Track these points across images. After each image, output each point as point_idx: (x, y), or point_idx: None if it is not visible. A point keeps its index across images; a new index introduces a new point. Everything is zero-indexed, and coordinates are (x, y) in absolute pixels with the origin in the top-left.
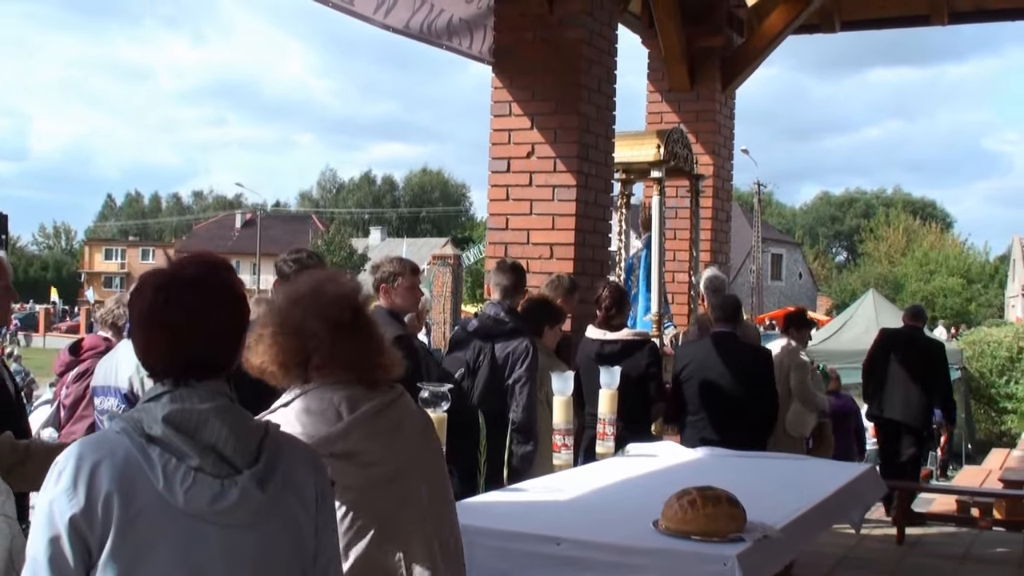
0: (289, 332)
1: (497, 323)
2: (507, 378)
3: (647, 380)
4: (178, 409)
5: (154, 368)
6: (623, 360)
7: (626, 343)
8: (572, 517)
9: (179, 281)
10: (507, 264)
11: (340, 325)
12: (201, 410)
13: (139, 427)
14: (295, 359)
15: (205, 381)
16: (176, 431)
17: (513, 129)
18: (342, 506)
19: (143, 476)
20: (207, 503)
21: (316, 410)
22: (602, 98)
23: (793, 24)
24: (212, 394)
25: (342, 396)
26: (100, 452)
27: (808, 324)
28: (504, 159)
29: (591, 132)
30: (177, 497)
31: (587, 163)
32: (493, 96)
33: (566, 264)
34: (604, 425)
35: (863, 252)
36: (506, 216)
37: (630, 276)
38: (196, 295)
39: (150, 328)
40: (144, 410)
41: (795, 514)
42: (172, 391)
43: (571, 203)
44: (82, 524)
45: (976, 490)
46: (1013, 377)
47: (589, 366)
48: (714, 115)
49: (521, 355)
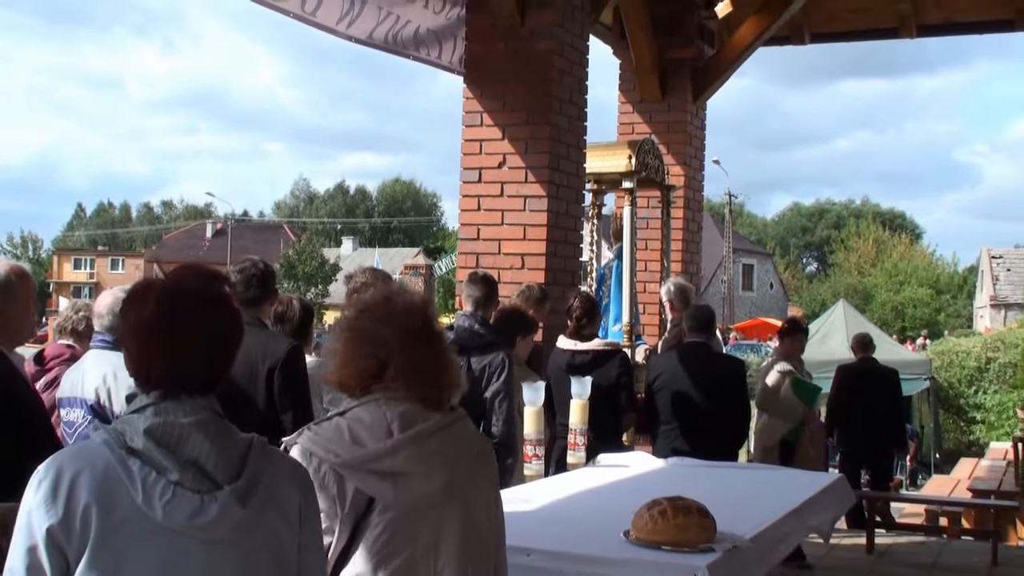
0: (361, 341)
1: (473, 336)
2: (484, 391)
3: (618, 390)
4: (160, 423)
5: (146, 378)
6: (594, 370)
7: (597, 353)
8: (542, 528)
9: (183, 292)
10: (479, 275)
11: (410, 332)
12: (184, 424)
13: (121, 439)
14: (369, 370)
15: (195, 395)
16: (157, 444)
17: (484, 139)
18: (379, 525)
19: (122, 489)
20: (186, 518)
21: (368, 423)
22: (573, 109)
23: (763, 36)
24: (197, 408)
25: (396, 412)
26: (80, 463)
27: (795, 331)
28: (475, 169)
29: (562, 142)
30: (156, 511)
31: (558, 173)
32: (464, 106)
33: (537, 274)
34: (575, 436)
35: (833, 263)
36: (477, 226)
37: (601, 286)
38: (199, 307)
39: (149, 338)
40: (127, 422)
41: (765, 524)
42: (157, 404)
43: (542, 213)
44: (59, 535)
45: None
46: (981, 387)
47: (560, 377)
48: (685, 126)
49: (498, 368)
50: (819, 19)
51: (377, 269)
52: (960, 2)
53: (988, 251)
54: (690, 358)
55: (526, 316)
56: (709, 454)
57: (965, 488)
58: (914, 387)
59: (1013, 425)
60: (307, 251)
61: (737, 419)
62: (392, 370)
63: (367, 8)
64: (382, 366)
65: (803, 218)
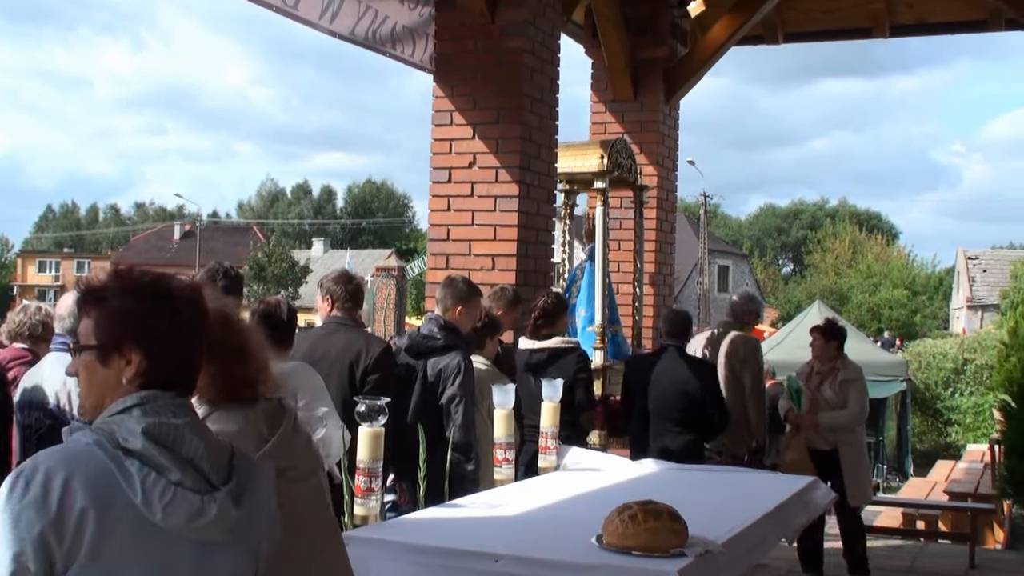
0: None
1: (427, 339)
2: (440, 396)
3: (574, 387)
4: (157, 422)
5: (131, 376)
6: (550, 367)
7: (553, 351)
8: (511, 533)
9: (177, 289)
10: (449, 279)
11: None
12: (177, 424)
13: (113, 439)
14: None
15: (178, 397)
16: (156, 444)
17: (454, 139)
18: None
19: (119, 491)
20: (186, 519)
21: (237, 431)
22: (545, 108)
23: (736, 35)
24: (184, 409)
25: (260, 413)
26: (71, 465)
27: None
28: (445, 169)
29: (534, 142)
30: (155, 512)
31: (530, 173)
32: (434, 105)
33: (508, 275)
34: (546, 439)
35: (809, 263)
36: (447, 227)
37: (571, 287)
38: (191, 305)
39: (139, 332)
40: (115, 423)
41: (738, 528)
42: (143, 404)
43: (513, 213)
44: (51, 539)
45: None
46: (958, 389)
47: (523, 377)
48: (658, 125)
49: (453, 372)
50: (793, 18)
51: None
52: (933, 2)
53: (964, 252)
54: (666, 360)
55: (492, 316)
56: (683, 456)
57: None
58: (890, 389)
59: (990, 427)
60: (276, 253)
61: (711, 421)
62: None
63: (347, 2)
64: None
65: (778, 219)
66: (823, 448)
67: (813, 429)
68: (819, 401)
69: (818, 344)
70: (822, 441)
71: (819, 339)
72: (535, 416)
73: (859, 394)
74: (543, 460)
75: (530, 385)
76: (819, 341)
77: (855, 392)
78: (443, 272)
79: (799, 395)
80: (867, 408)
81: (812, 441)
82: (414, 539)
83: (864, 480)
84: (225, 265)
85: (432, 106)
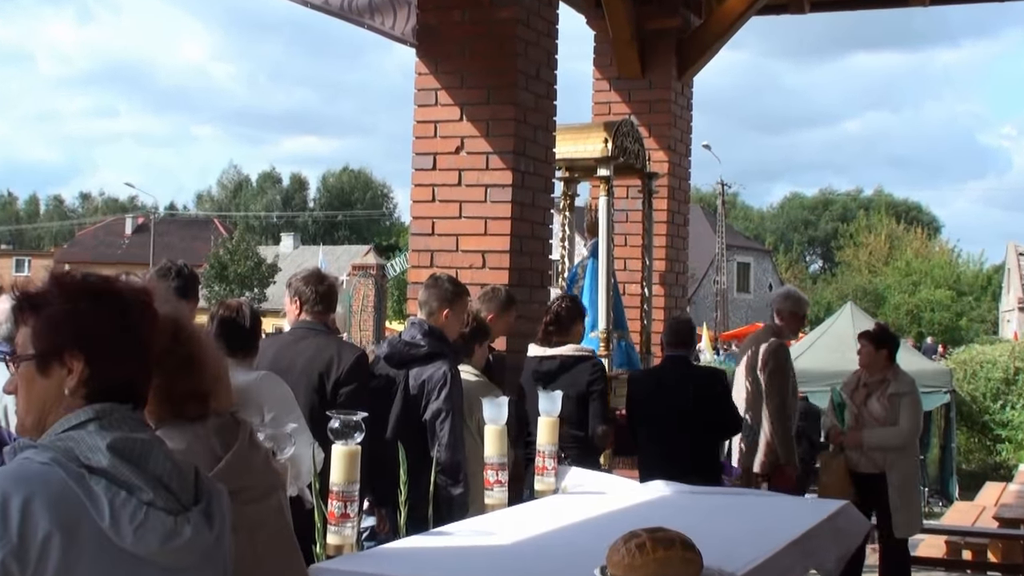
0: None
1: (409, 347)
2: (424, 411)
3: (587, 400)
4: (122, 437)
5: (84, 389)
6: (560, 377)
7: (565, 359)
8: (504, 565)
9: (130, 297)
10: (434, 279)
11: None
12: (144, 439)
13: (72, 457)
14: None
15: (135, 410)
16: (124, 460)
17: (439, 120)
18: None
19: (85, 513)
20: (159, 542)
21: (185, 449)
22: (541, 85)
23: (757, 4)
24: (140, 424)
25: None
26: (28, 486)
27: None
28: (429, 154)
29: (528, 124)
30: (125, 536)
31: (524, 159)
32: (417, 83)
33: (500, 274)
34: (544, 458)
35: (840, 260)
36: (432, 220)
37: (572, 287)
38: (138, 313)
39: (91, 342)
40: (71, 439)
41: (759, 558)
42: (99, 419)
43: (506, 205)
44: (13, 568)
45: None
46: (1009, 401)
47: (530, 387)
48: (669, 105)
49: (438, 384)
50: None
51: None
52: None
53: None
54: (672, 374)
55: (480, 320)
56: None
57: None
58: (932, 402)
59: None
60: (240, 249)
61: (723, 433)
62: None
63: None
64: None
65: (805, 210)
66: (868, 471)
67: (857, 448)
68: (865, 417)
69: (867, 352)
70: (867, 462)
71: (868, 347)
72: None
73: (911, 409)
74: (540, 482)
75: (538, 394)
76: (868, 349)
77: (907, 407)
78: (427, 271)
79: (843, 409)
80: (920, 426)
81: (855, 463)
82: (394, 572)
83: (914, 508)
84: (179, 263)
85: (415, 84)
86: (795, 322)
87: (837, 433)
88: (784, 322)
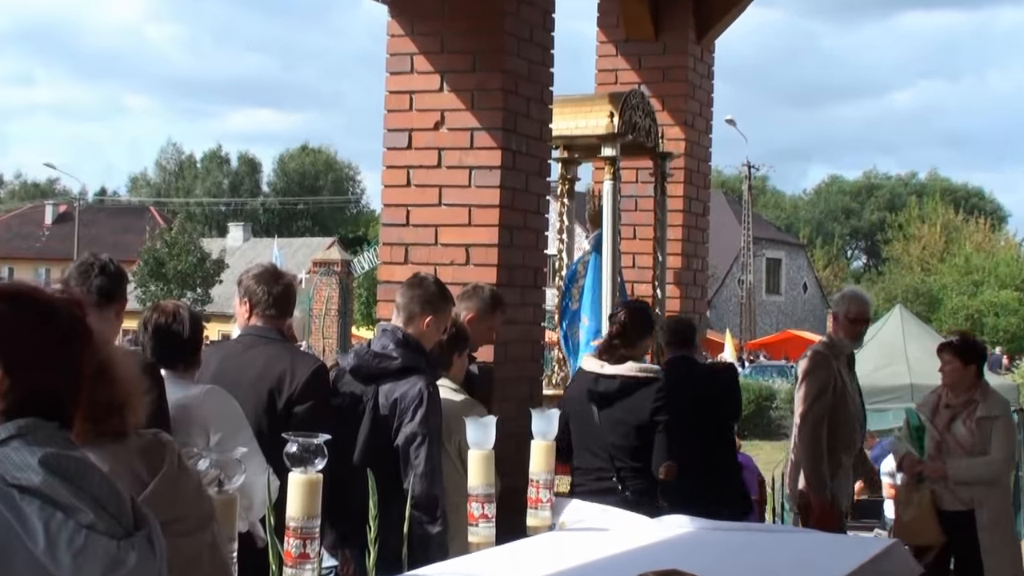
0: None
1: (380, 359)
2: (396, 435)
3: (651, 429)
4: (54, 453)
5: (9, 403)
6: (619, 402)
7: (626, 380)
8: None
9: (68, 311)
10: (417, 278)
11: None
12: (76, 457)
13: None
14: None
15: (62, 428)
16: (59, 479)
17: (416, 91)
18: None
19: (16, 538)
20: (101, 570)
21: (110, 474)
22: (535, 50)
23: None
24: (69, 442)
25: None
26: None
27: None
28: (404, 131)
29: (520, 95)
30: (62, 563)
31: (515, 137)
32: (389, 47)
33: (487, 271)
34: (538, 489)
35: (888, 256)
36: (406, 208)
37: (571, 287)
38: (66, 321)
39: (10, 350)
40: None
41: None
42: (22, 435)
43: (494, 190)
44: None
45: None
46: None
47: (581, 407)
48: (686, 73)
49: (412, 403)
50: None
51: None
52: None
53: None
54: (678, 375)
55: (459, 326)
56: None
57: None
58: None
59: None
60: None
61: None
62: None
63: None
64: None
65: (847, 197)
66: (953, 508)
67: (941, 481)
68: (949, 444)
69: (952, 368)
70: (951, 498)
71: (954, 362)
72: (592, 457)
73: (1005, 436)
74: (533, 517)
75: (592, 418)
76: (953, 364)
77: (1000, 433)
78: (401, 268)
79: (921, 433)
80: (1015, 455)
81: (937, 497)
82: None
83: (1008, 551)
84: (103, 258)
85: (387, 48)
86: (850, 328)
87: (915, 463)
88: (837, 327)
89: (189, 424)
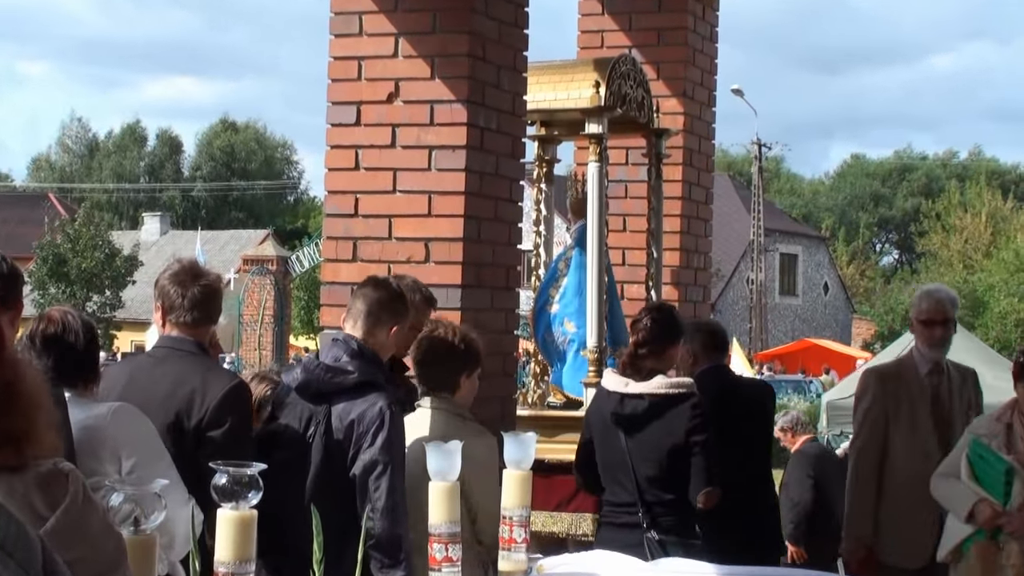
0: None
1: (332, 373)
2: (351, 463)
3: (687, 452)
4: None
5: None
6: (650, 424)
7: (656, 399)
8: None
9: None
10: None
11: None
12: None
13: None
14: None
15: None
16: None
17: (365, 56)
18: None
19: None
20: None
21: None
22: (508, 8)
23: None
24: None
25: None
26: None
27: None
28: (351, 104)
29: (490, 62)
30: None
31: (484, 111)
32: (333, 5)
33: (451, 269)
34: (511, 528)
35: (924, 250)
36: (354, 195)
37: (549, 287)
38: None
39: None
40: None
41: None
42: None
43: (458, 174)
44: None
45: None
46: None
47: (606, 432)
48: (685, 35)
49: (372, 425)
50: None
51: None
52: None
53: None
54: (716, 388)
55: (471, 342)
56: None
57: None
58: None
59: None
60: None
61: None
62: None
63: None
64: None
65: (876, 180)
66: None
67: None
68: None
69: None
70: None
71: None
72: (621, 490)
73: None
74: (505, 560)
75: (619, 444)
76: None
77: None
78: (348, 267)
79: (1003, 472)
80: None
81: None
82: None
83: None
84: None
85: (331, 6)
86: (924, 332)
87: (992, 512)
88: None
89: (97, 449)
